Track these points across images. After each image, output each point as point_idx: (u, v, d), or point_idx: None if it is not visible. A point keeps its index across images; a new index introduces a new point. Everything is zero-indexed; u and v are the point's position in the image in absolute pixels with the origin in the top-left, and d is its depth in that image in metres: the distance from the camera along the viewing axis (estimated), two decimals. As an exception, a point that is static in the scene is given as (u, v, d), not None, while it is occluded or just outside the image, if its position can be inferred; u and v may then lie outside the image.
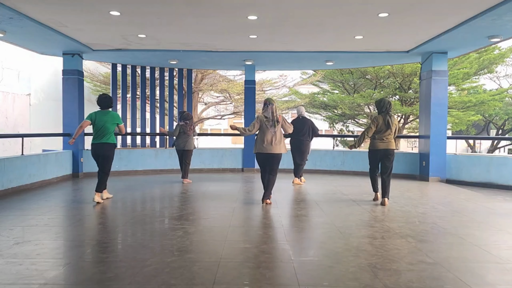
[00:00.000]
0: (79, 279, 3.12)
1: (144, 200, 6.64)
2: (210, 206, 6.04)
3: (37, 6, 6.04)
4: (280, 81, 17.86)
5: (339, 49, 8.89)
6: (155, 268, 3.27)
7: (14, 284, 2.96)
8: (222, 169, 10.60)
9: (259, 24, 6.93)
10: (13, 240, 4.06)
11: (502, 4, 5.62)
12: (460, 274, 3.22)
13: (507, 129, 22.30)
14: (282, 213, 5.46)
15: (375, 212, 5.52)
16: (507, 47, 16.66)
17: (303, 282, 3.03)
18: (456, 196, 7.07)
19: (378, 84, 17.31)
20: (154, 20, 6.78)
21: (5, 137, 11.44)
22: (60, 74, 9.53)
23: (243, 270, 3.27)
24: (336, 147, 14.21)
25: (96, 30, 7.46)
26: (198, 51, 9.10)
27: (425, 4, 5.86)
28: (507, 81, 22.49)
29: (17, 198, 6.45)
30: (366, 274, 3.18)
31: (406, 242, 4.08)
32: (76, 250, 3.81)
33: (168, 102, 13.04)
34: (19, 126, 12.88)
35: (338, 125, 20.29)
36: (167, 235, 4.35)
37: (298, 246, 4.01)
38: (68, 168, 8.94)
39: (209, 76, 16.34)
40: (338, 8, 6.09)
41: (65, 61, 9.10)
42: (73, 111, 9.14)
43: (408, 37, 7.78)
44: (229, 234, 4.36)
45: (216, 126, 32.63)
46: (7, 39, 7.84)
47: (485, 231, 4.66)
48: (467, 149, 25.17)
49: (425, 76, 9.20)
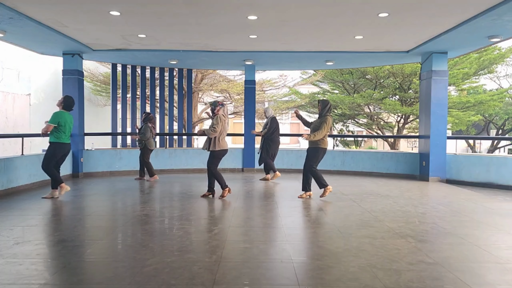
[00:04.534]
0: (79, 279, 3.12)
1: (144, 200, 6.63)
2: (210, 206, 6.04)
3: (37, 6, 6.05)
4: (280, 81, 17.86)
5: (339, 49, 8.90)
6: (155, 268, 3.27)
7: (14, 284, 2.96)
8: (222, 169, 10.57)
9: (259, 24, 6.93)
10: (13, 240, 4.06)
11: (502, 4, 5.62)
12: (460, 274, 3.22)
13: (507, 129, 22.30)
14: (282, 213, 5.46)
15: (375, 212, 5.52)
16: (507, 47, 16.67)
17: (303, 282, 3.03)
18: (456, 196, 7.07)
19: (378, 84, 17.31)
20: (154, 20, 6.78)
21: (5, 137, 11.44)
22: (60, 74, 9.53)
23: (243, 270, 3.27)
24: (336, 147, 14.20)
25: (96, 30, 7.46)
26: (198, 51, 9.10)
27: (425, 4, 5.86)
28: (507, 81, 22.49)
29: (17, 198, 6.45)
30: (366, 274, 3.18)
31: (406, 242, 4.08)
32: (76, 250, 3.81)
33: (168, 102, 13.04)
34: (19, 126, 12.88)
35: (338, 125, 20.29)
36: (167, 235, 4.35)
37: (298, 246, 4.00)
38: (68, 168, 8.94)
39: (209, 76, 16.35)
40: (338, 8, 6.09)
41: (65, 61, 9.10)
42: (73, 111, 9.09)
43: (408, 37, 7.78)
44: (229, 234, 4.36)
45: (216, 126, 32.59)
46: (7, 39, 7.84)
47: (485, 231, 4.66)
48: (467, 149, 25.18)
49: (425, 76, 9.20)
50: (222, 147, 6.36)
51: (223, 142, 6.38)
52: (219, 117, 6.30)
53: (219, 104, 6.46)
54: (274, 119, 8.66)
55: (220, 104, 6.47)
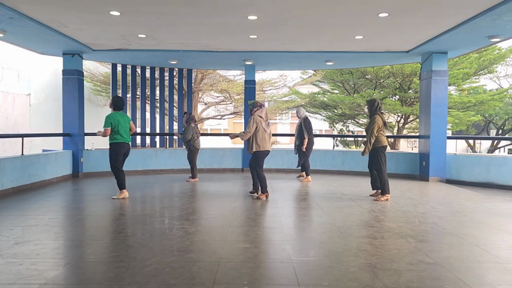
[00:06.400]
0: (79, 279, 3.13)
1: (144, 200, 6.64)
2: (210, 206, 6.05)
3: (37, 6, 6.04)
4: (280, 81, 17.87)
5: (339, 49, 8.90)
6: (155, 268, 3.27)
7: (14, 284, 2.96)
8: (222, 169, 10.60)
9: (259, 24, 6.93)
10: (13, 240, 4.06)
11: (502, 4, 5.62)
12: (460, 274, 3.22)
13: (507, 129, 22.31)
14: (282, 213, 5.46)
15: (375, 212, 5.52)
16: (507, 47, 16.67)
17: (303, 282, 3.03)
18: (456, 196, 7.07)
19: (378, 84, 17.31)
20: (154, 20, 6.78)
21: (5, 137, 11.44)
22: (60, 74, 9.54)
23: (243, 270, 3.27)
24: (336, 147, 14.21)
25: (96, 30, 7.46)
26: (198, 51, 9.10)
27: (425, 4, 5.86)
28: (507, 81, 22.50)
29: (17, 198, 6.45)
30: (366, 274, 3.18)
31: (406, 242, 4.08)
32: (76, 250, 3.81)
33: (168, 102, 13.04)
34: (19, 126, 12.88)
35: (338, 125, 20.29)
36: (167, 235, 4.35)
37: (298, 246, 4.01)
38: (68, 168, 8.95)
39: (209, 76, 16.35)
40: (338, 8, 6.09)
41: (65, 61, 9.10)
42: (73, 111, 9.14)
43: (408, 37, 7.78)
44: (229, 234, 4.36)
45: (216, 126, 32.66)
46: (7, 39, 7.84)
47: (485, 231, 4.66)
48: (467, 149, 25.18)
49: (425, 76, 9.20)
50: (261, 148, 6.29)
51: (262, 143, 6.28)
52: (253, 118, 6.29)
53: (258, 105, 6.41)
54: (307, 119, 8.59)
55: (259, 105, 6.42)
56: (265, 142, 6.30)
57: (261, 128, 6.27)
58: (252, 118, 6.30)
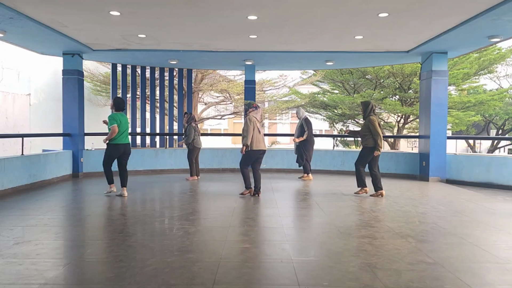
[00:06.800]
0: (79, 279, 3.12)
1: (144, 200, 6.63)
2: (210, 206, 6.05)
3: (37, 6, 6.04)
4: (280, 81, 17.86)
5: (339, 49, 8.90)
6: (155, 268, 3.27)
7: (14, 284, 2.96)
8: (222, 169, 10.60)
9: (259, 24, 6.93)
10: (13, 240, 4.06)
11: (502, 4, 5.62)
12: (460, 274, 3.22)
13: (507, 129, 22.30)
14: (282, 213, 5.46)
15: (375, 212, 5.52)
16: (507, 47, 16.67)
17: (303, 282, 3.03)
18: (456, 196, 7.07)
19: (378, 84, 17.31)
20: (154, 20, 6.78)
21: (5, 137, 11.44)
22: (60, 74, 9.53)
23: (243, 270, 3.27)
24: (336, 147, 14.20)
25: (96, 30, 7.46)
26: (198, 51, 9.10)
27: (425, 4, 5.86)
28: (507, 81, 22.49)
29: (17, 198, 6.45)
30: (366, 274, 3.18)
31: (406, 242, 4.08)
32: (76, 250, 3.81)
33: (168, 102, 13.04)
34: (19, 126, 12.87)
35: (338, 125, 20.29)
36: (167, 235, 4.35)
37: (298, 246, 4.00)
38: (68, 168, 8.94)
39: (209, 76, 16.35)
40: (338, 8, 6.09)
41: (65, 61, 9.10)
42: (73, 111, 9.14)
43: (408, 37, 7.78)
44: (229, 234, 4.36)
45: (216, 126, 32.65)
46: (7, 39, 7.84)
47: (485, 231, 4.66)
48: (467, 149, 25.18)
49: (425, 76, 9.20)
50: (255, 148, 6.45)
51: (257, 143, 6.46)
52: (250, 119, 6.48)
53: (253, 106, 6.64)
54: (308, 120, 8.71)
55: (255, 106, 6.65)
56: (259, 142, 6.50)
57: (256, 128, 6.46)
58: (248, 119, 6.48)
